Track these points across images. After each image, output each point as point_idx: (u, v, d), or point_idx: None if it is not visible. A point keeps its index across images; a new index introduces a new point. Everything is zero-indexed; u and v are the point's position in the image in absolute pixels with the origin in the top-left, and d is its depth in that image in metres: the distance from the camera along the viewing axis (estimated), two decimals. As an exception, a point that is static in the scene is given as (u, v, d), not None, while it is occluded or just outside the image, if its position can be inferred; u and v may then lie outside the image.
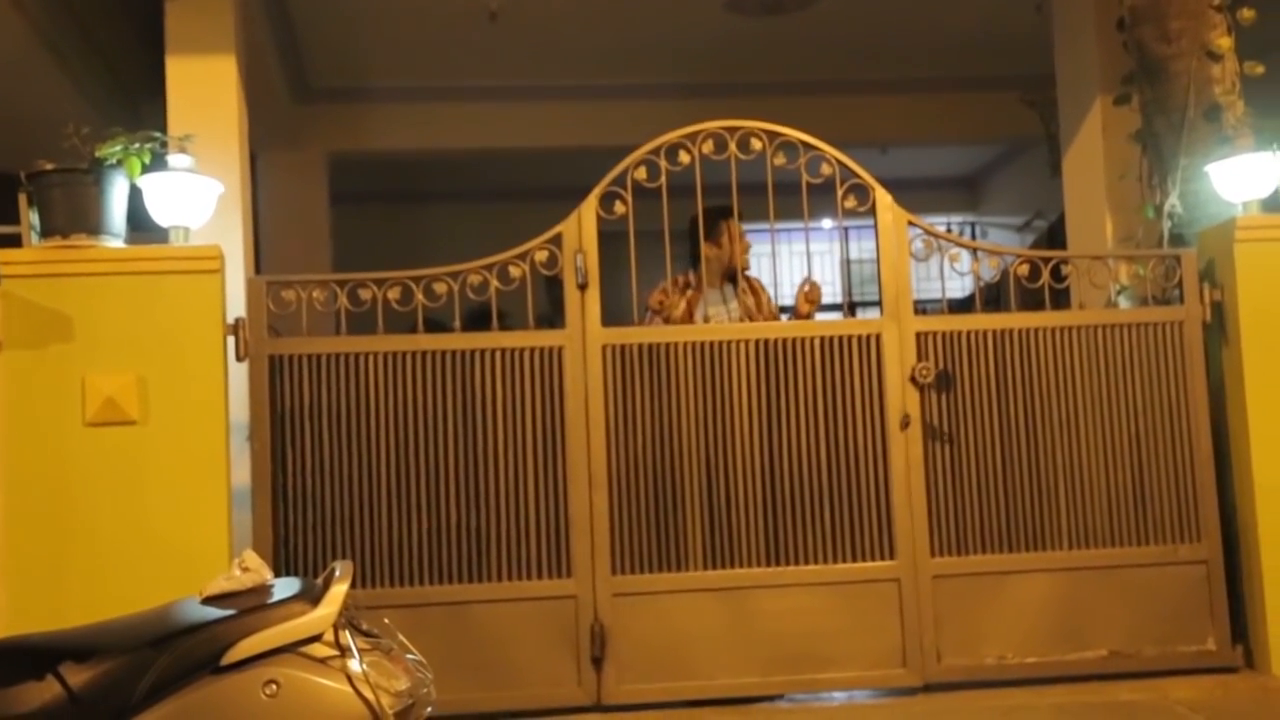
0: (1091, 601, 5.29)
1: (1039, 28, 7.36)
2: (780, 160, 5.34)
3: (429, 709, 3.26)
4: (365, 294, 5.18)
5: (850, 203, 5.36)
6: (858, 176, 5.36)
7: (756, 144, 5.35)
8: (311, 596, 3.15)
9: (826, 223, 10.89)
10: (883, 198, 5.37)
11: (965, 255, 5.45)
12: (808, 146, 5.36)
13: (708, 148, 5.32)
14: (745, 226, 5.79)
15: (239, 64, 6.05)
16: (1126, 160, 6.20)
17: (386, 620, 3.42)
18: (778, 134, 5.35)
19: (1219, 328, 5.40)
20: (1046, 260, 5.46)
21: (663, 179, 5.29)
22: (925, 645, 5.19)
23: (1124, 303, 5.89)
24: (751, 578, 5.18)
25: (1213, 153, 5.50)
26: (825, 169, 5.38)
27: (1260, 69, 5.63)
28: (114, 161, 4.88)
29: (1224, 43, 5.61)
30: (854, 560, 5.22)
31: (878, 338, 5.32)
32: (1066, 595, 5.29)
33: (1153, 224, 5.92)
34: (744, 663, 5.16)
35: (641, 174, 5.29)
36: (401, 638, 3.36)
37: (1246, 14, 5.61)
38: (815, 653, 5.17)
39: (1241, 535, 5.31)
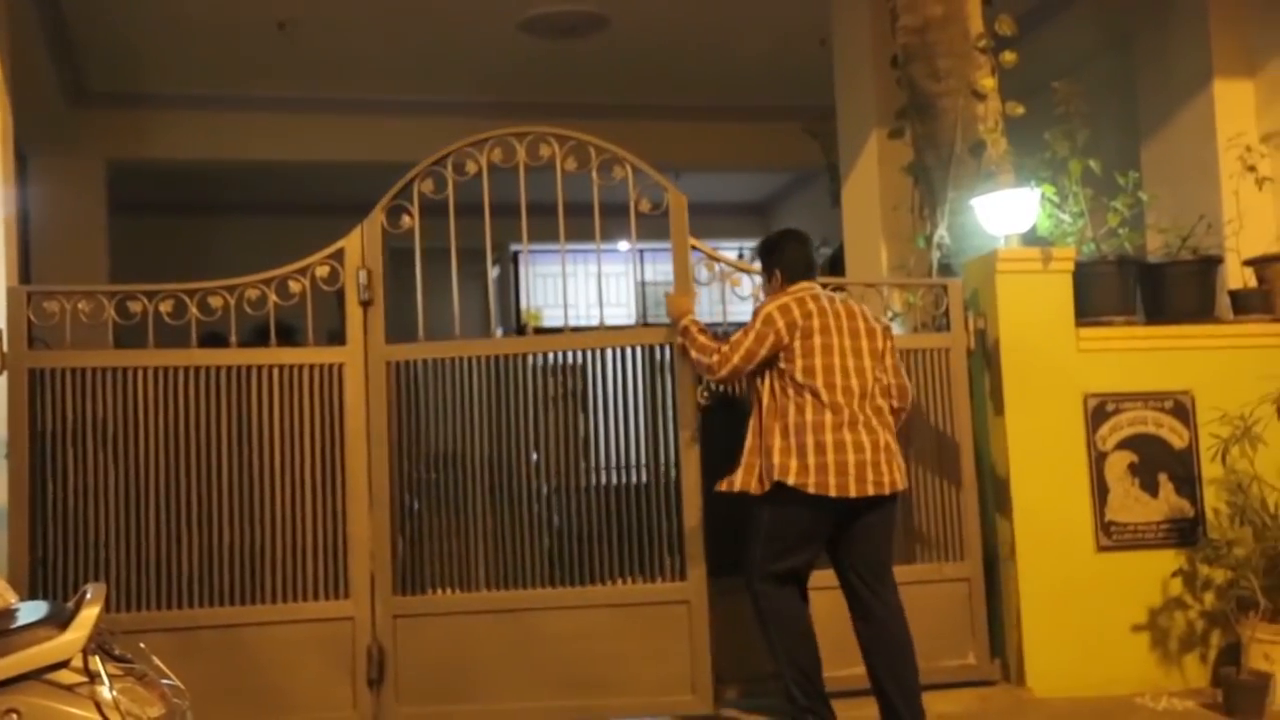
0: (863, 618, 5.44)
1: (823, 61, 7.61)
2: (571, 165, 5.27)
3: (184, 734, 3.16)
4: (135, 307, 5.00)
5: (645, 206, 5.31)
6: (654, 180, 5.30)
7: (546, 150, 5.28)
8: (59, 620, 3.03)
9: (623, 245, 11.06)
10: (677, 199, 5.32)
11: (745, 280, 5.57)
12: (599, 149, 5.30)
13: (496, 156, 5.25)
14: (533, 247, 5.61)
15: (2, 63, 5.76)
16: (900, 192, 6.46)
17: (142, 644, 3.31)
18: (568, 138, 5.30)
19: (982, 354, 5.66)
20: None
21: (450, 190, 5.23)
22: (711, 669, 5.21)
23: (896, 329, 6.11)
24: (535, 599, 5.13)
25: (977, 187, 5.77)
26: (618, 172, 5.30)
27: (1021, 109, 5.93)
28: None
29: (988, 83, 5.90)
30: (643, 581, 5.16)
31: (666, 349, 5.28)
32: (839, 612, 5.41)
33: (923, 254, 6.17)
34: (527, 686, 5.09)
35: (428, 186, 5.22)
36: (157, 662, 3.26)
37: (1008, 57, 5.92)
38: (599, 676, 5.10)
39: (1000, 554, 5.57)
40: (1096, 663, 5.44)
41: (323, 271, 5.16)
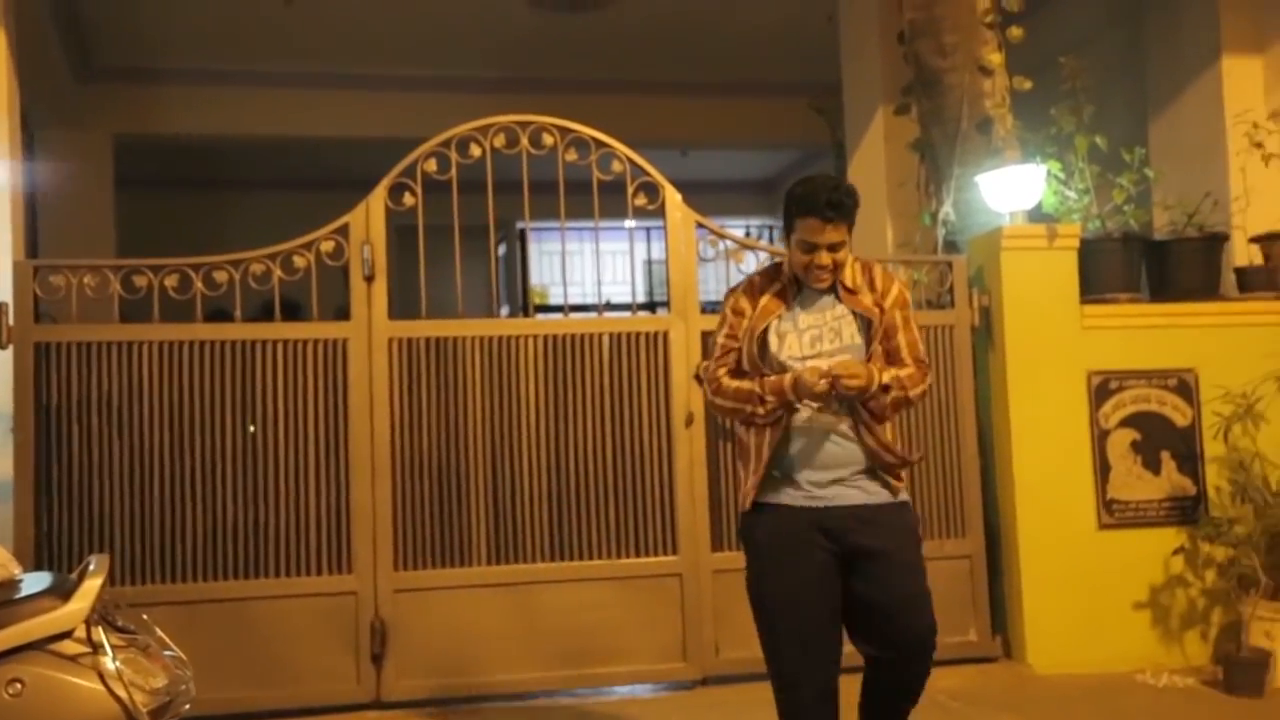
0: (864, 594, 5.46)
1: (830, 37, 7.58)
2: (572, 156, 5.38)
3: (187, 706, 3.18)
4: (141, 281, 5.01)
5: (640, 200, 5.44)
6: (648, 174, 5.42)
7: (548, 139, 5.37)
8: (62, 591, 3.05)
9: (629, 222, 11.07)
10: (672, 196, 5.46)
11: (750, 256, 5.57)
12: (599, 143, 5.41)
13: (499, 141, 5.32)
14: (536, 225, 5.69)
15: (8, 37, 5.75)
16: (906, 168, 6.45)
17: (145, 616, 3.33)
18: (569, 130, 5.39)
19: (986, 332, 5.65)
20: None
21: (453, 172, 5.27)
22: (704, 639, 5.29)
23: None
24: (535, 573, 5.20)
25: (984, 163, 5.75)
26: (616, 166, 5.42)
27: (1028, 84, 5.91)
28: None
29: (995, 58, 5.87)
30: (637, 555, 5.29)
31: (665, 335, 5.41)
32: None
33: (929, 231, 6.16)
34: (527, 658, 5.19)
35: (431, 166, 5.26)
36: (160, 633, 3.27)
37: (1015, 32, 5.89)
38: (597, 647, 5.23)
39: (1002, 531, 5.57)
40: (1097, 640, 5.45)
41: (327, 247, 5.17)
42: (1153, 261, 5.85)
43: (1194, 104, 6.69)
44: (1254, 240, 6.00)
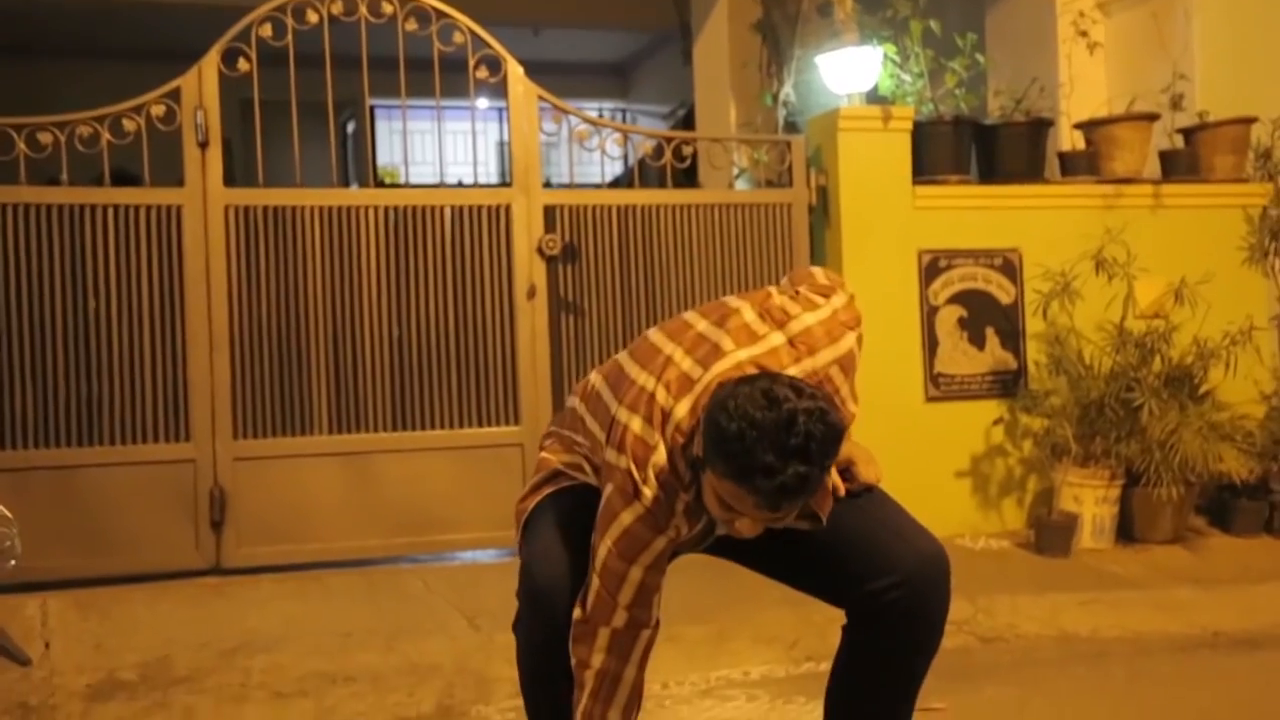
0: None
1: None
2: (412, 26, 5.29)
3: (13, 562, 3.16)
4: (-42, 143, 4.83)
5: (482, 73, 5.40)
6: (489, 47, 5.38)
7: (387, 7, 5.26)
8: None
9: (482, 102, 10.93)
10: (514, 70, 5.43)
11: (594, 133, 5.59)
12: (440, 14, 5.34)
13: (337, 9, 5.20)
14: (378, 102, 5.58)
15: None
16: (749, 50, 6.51)
17: (-33, 473, 3.30)
18: None
19: (823, 210, 5.78)
20: (669, 141, 5.68)
21: (289, 38, 5.16)
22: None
23: (742, 184, 6.22)
24: (377, 442, 5.24)
25: (823, 45, 5.85)
26: (458, 38, 5.36)
27: (867, -32, 6.01)
28: None
29: (836, -59, 5.95)
30: (479, 425, 5.36)
31: (507, 209, 5.42)
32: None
33: (770, 111, 6.26)
34: (367, 526, 5.23)
35: (267, 31, 5.13)
36: (-16, 490, 3.25)
37: (855, -85, 5.97)
38: (438, 515, 5.29)
39: (834, 402, 5.76)
40: (922, 508, 5.46)
41: (158, 111, 5.04)
42: (982, 145, 6.02)
43: (1028, -8, 6.87)
44: (1077, 126, 6.23)
